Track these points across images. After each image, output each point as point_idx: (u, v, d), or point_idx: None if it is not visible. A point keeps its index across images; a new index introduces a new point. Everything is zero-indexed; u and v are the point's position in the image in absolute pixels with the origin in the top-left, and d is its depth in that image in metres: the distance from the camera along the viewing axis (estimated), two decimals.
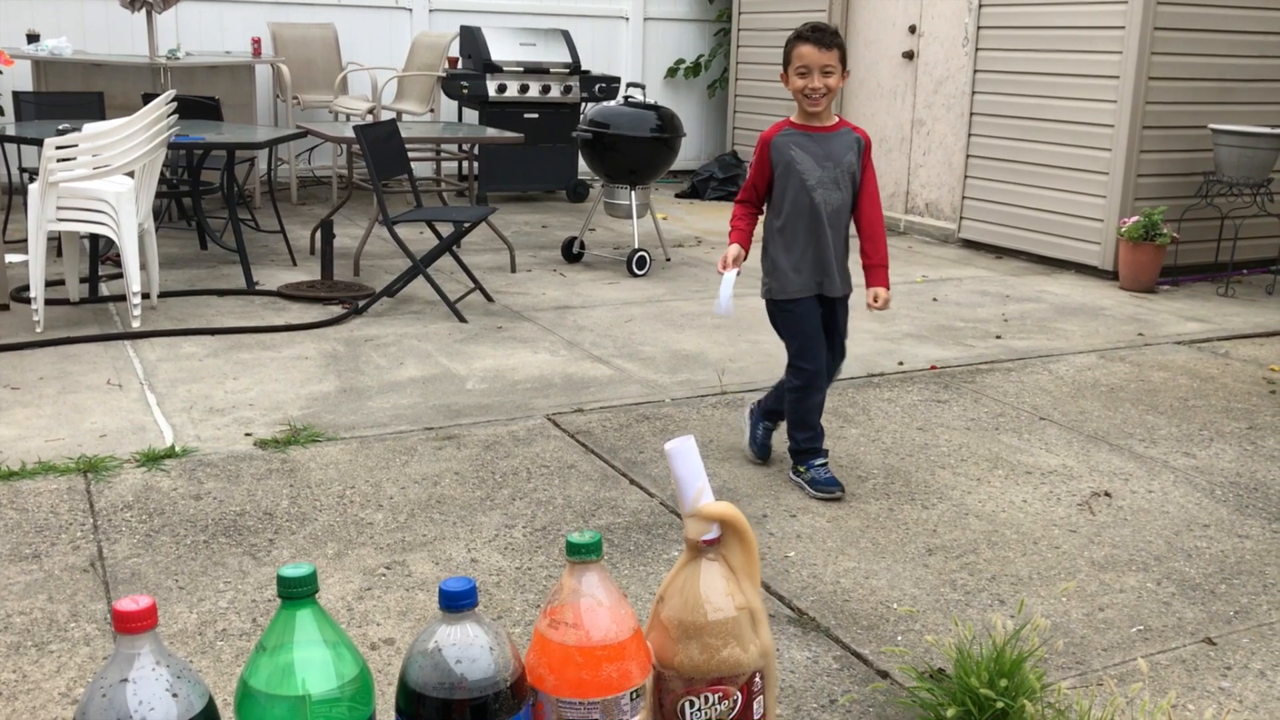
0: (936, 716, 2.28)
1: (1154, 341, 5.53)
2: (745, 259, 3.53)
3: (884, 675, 2.58)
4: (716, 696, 1.80)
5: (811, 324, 3.58)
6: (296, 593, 1.50)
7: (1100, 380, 4.85)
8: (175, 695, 1.41)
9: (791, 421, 3.65)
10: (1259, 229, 6.94)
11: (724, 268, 3.47)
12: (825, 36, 3.39)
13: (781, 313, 3.61)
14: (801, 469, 3.60)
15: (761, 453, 3.82)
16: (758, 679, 1.81)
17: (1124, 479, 3.77)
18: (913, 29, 8.32)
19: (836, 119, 3.55)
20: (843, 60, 3.43)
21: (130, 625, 1.39)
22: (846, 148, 3.50)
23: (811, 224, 3.50)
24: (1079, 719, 2.23)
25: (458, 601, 1.57)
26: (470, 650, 1.55)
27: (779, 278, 3.57)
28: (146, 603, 1.39)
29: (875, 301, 3.55)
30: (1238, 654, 2.70)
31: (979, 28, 7.56)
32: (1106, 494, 3.64)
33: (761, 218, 3.64)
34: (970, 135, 7.69)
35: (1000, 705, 2.22)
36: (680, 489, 1.85)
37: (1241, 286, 6.86)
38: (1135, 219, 6.56)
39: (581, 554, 1.70)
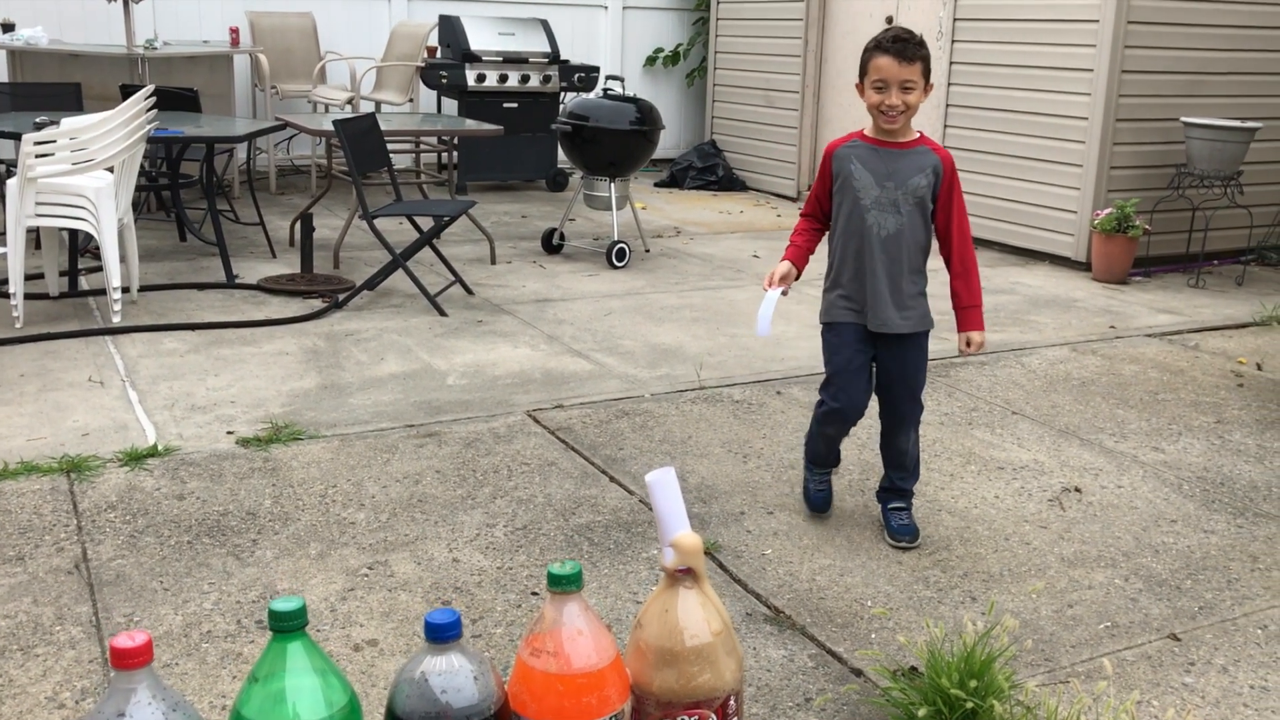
0: (909, 716, 2.34)
1: (1125, 334, 5.60)
2: (796, 278, 3.18)
3: (858, 674, 2.64)
4: None
5: (846, 357, 3.23)
6: (287, 626, 1.55)
7: (1072, 374, 4.92)
8: None
9: (809, 434, 3.47)
10: (1229, 220, 7.03)
11: (769, 285, 3.13)
12: (908, 48, 3.00)
13: (822, 335, 3.31)
14: (805, 470, 3.54)
15: (909, 535, 3.30)
16: (732, 701, 1.87)
17: (1094, 474, 3.84)
18: (889, 20, 8.36)
19: (917, 135, 3.15)
20: (926, 73, 3.02)
21: (127, 662, 1.43)
22: (917, 169, 3.09)
23: (860, 248, 3.15)
24: (1047, 718, 2.30)
25: (443, 633, 1.64)
26: (455, 679, 1.61)
27: (826, 298, 3.28)
28: (142, 639, 1.43)
29: (968, 346, 3.22)
30: (1201, 650, 2.78)
31: (954, 20, 7.61)
32: (1077, 489, 3.71)
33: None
34: (945, 127, 7.74)
35: (970, 705, 2.28)
36: (659, 520, 1.90)
37: (1212, 277, 6.95)
38: (1108, 211, 6.64)
39: (563, 585, 1.77)
